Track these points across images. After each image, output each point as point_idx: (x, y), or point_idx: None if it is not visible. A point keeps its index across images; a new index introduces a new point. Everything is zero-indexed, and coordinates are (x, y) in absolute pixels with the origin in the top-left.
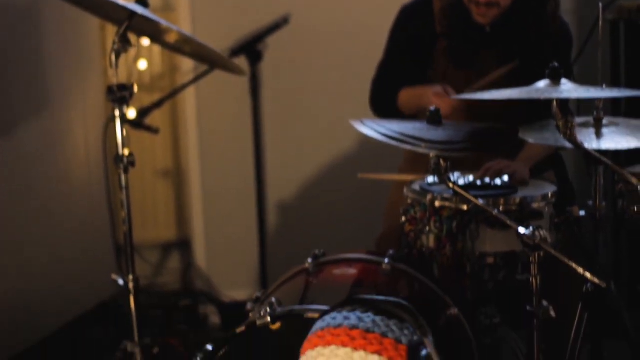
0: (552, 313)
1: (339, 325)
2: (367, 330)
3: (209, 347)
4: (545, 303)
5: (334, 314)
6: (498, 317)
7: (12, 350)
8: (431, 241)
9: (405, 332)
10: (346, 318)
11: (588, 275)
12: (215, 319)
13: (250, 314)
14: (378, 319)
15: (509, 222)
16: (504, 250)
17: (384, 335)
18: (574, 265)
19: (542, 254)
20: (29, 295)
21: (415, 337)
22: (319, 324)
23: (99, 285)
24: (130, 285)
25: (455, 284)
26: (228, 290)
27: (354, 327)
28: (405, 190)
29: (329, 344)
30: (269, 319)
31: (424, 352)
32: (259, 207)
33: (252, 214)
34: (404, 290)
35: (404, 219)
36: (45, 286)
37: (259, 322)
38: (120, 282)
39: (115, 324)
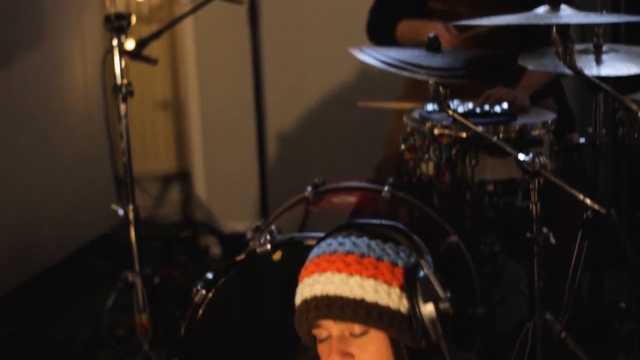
0: (552, 240)
1: (334, 252)
2: (362, 255)
3: (209, 276)
4: (545, 230)
5: (329, 240)
6: (498, 245)
7: (13, 282)
8: (430, 169)
9: (401, 254)
10: (341, 244)
11: (588, 201)
12: (215, 250)
13: (250, 243)
14: (373, 243)
15: (508, 149)
16: (504, 178)
17: (379, 259)
18: (574, 191)
19: (541, 180)
20: (29, 227)
21: (412, 259)
22: (315, 251)
23: (99, 217)
24: (130, 215)
25: (455, 212)
26: (228, 221)
27: (348, 253)
28: (404, 118)
29: (324, 270)
30: (269, 246)
31: (421, 274)
32: (259, 138)
33: (252, 145)
34: (404, 217)
35: (403, 147)
36: (45, 218)
37: (259, 250)
38: (120, 212)
39: (116, 255)
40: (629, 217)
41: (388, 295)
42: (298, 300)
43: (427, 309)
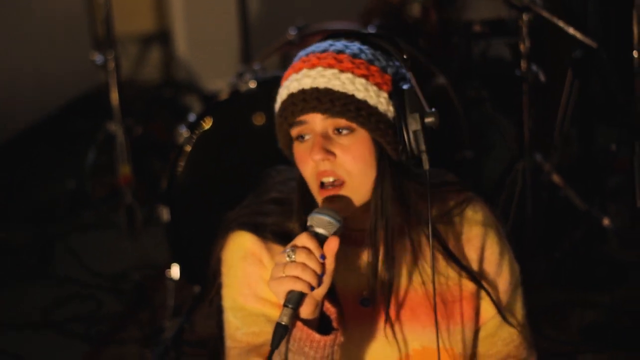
0: (542, 77)
1: (325, 50)
2: (354, 56)
3: (192, 117)
4: (534, 67)
5: (317, 43)
6: (485, 91)
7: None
8: (416, 11)
9: (390, 63)
10: (331, 45)
11: (578, 35)
12: (197, 108)
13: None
14: (364, 47)
15: None
16: (491, 18)
17: (370, 62)
18: (563, 25)
19: (530, 16)
20: (8, 87)
21: (401, 71)
22: (302, 52)
23: (79, 76)
24: (111, 65)
25: (442, 54)
26: (210, 80)
27: (340, 52)
28: None
29: (314, 66)
30: (253, 84)
31: (405, 86)
32: None
33: (232, 1)
34: None
35: None
36: (24, 78)
37: (243, 88)
38: (99, 60)
39: (97, 116)
40: (616, 55)
41: (377, 97)
42: (283, 95)
43: (413, 119)
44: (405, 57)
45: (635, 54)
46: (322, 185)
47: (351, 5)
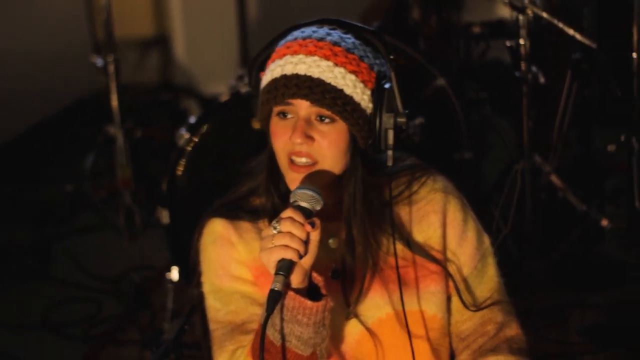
0: (542, 79)
1: (322, 39)
2: (348, 50)
3: (192, 120)
4: (534, 68)
5: (314, 27)
6: (485, 93)
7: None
8: (416, 12)
9: (377, 61)
10: (329, 34)
11: (578, 36)
12: (196, 112)
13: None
14: (357, 42)
15: None
16: (491, 19)
17: (361, 58)
18: (563, 26)
19: (530, 17)
20: (7, 89)
21: (383, 69)
22: (300, 33)
23: (79, 80)
24: (111, 68)
25: (442, 56)
26: (209, 84)
27: (336, 44)
28: None
29: (311, 53)
30: None
31: (387, 85)
32: None
33: (232, 5)
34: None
35: None
36: (24, 80)
37: (243, 90)
38: (100, 62)
39: (97, 119)
40: (615, 54)
41: (362, 94)
42: (276, 73)
43: (388, 118)
44: (391, 57)
45: (634, 54)
46: (292, 161)
47: (350, 8)
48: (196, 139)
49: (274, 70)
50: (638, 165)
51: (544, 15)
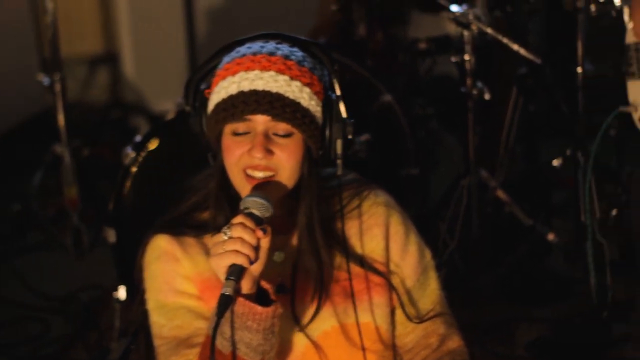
0: (487, 95)
1: (273, 53)
2: (299, 63)
3: (138, 138)
4: (480, 84)
5: (261, 43)
6: (431, 108)
7: None
8: (362, 28)
9: (324, 72)
10: (278, 48)
11: (522, 52)
12: (145, 129)
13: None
14: (305, 55)
15: (441, 1)
16: (437, 35)
17: (312, 70)
18: (507, 42)
19: (475, 33)
20: None
21: (326, 79)
22: (248, 49)
23: (27, 99)
24: (57, 87)
25: (389, 72)
26: (158, 101)
27: (287, 58)
28: None
29: (266, 68)
30: None
31: (333, 96)
32: (187, 14)
33: (181, 22)
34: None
35: (335, 7)
36: None
37: (188, 108)
38: (46, 81)
39: (44, 139)
40: (562, 70)
41: (316, 106)
42: (233, 89)
43: (337, 128)
44: (335, 67)
45: (579, 69)
46: (249, 175)
47: (298, 25)
48: (142, 158)
49: (228, 87)
50: (584, 179)
51: (489, 31)
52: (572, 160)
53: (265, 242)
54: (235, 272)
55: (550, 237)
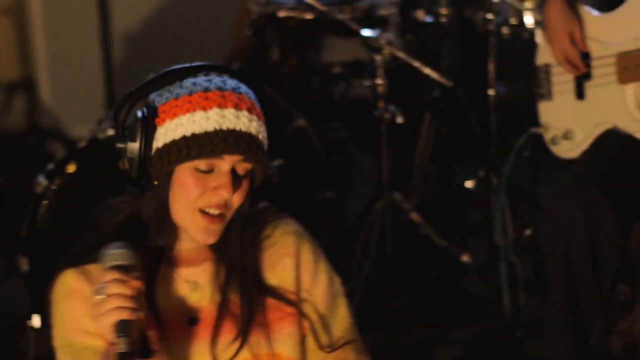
0: (399, 118)
1: (236, 89)
2: (254, 100)
3: (50, 166)
4: (392, 107)
5: (202, 77)
6: (347, 132)
7: None
8: (275, 53)
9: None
10: (224, 82)
11: (434, 75)
12: (61, 156)
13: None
14: (246, 87)
15: (353, 26)
16: (350, 59)
17: (256, 102)
18: (419, 65)
19: (387, 57)
20: None
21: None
22: (205, 83)
23: None
24: None
25: (302, 96)
26: (75, 127)
27: (247, 94)
28: (250, 3)
29: (239, 107)
30: (112, 131)
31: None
32: (104, 39)
33: (97, 46)
34: None
35: (249, 32)
36: None
37: (101, 136)
38: None
39: None
40: (476, 93)
41: (267, 142)
42: (208, 126)
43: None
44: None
45: (491, 91)
46: (206, 213)
47: (214, 51)
48: (57, 184)
49: (202, 122)
50: (497, 200)
51: (401, 55)
52: (486, 181)
53: (140, 288)
54: (124, 328)
55: (465, 258)
